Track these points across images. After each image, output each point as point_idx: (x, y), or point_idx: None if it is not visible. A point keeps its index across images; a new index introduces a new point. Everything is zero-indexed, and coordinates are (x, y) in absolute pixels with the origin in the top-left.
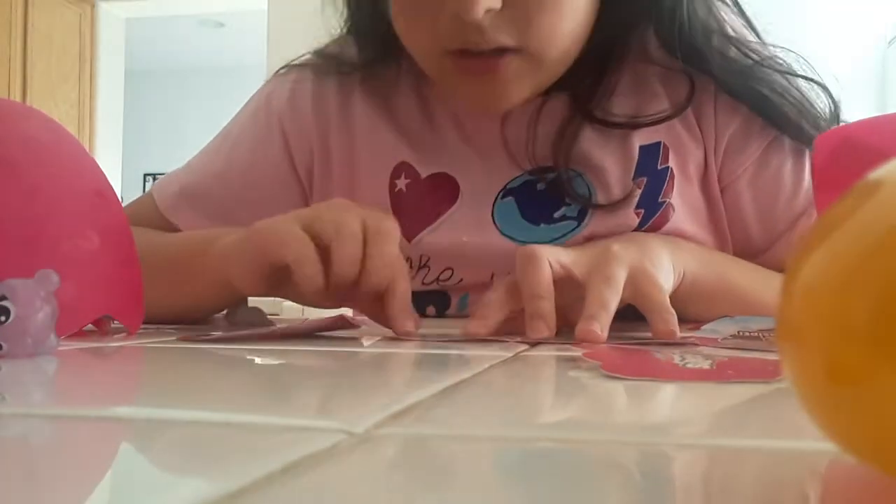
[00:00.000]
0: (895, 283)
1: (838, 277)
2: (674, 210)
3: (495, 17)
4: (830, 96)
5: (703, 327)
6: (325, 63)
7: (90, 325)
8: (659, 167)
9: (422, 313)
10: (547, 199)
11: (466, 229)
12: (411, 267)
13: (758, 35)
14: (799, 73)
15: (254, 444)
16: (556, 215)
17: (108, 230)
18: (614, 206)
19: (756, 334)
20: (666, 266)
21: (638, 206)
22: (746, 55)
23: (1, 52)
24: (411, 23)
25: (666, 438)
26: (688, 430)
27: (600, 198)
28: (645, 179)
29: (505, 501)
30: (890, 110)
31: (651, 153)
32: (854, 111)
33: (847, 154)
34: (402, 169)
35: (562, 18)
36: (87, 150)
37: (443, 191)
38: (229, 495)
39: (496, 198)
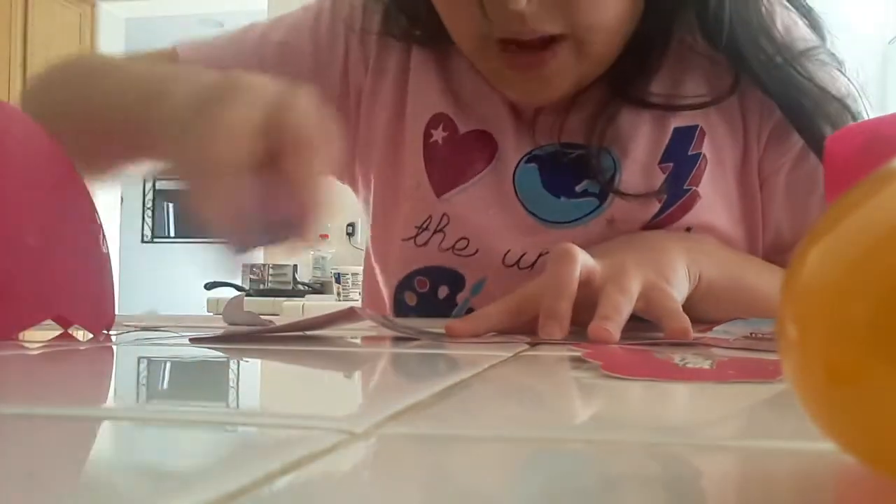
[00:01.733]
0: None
1: (839, 276)
2: (700, 198)
3: (539, 4)
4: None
5: (715, 328)
6: (394, 17)
7: (75, 327)
8: (690, 152)
9: (434, 293)
10: (571, 170)
11: (489, 194)
12: (427, 228)
13: (816, 28)
14: (834, 92)
15: (254, 444)
16: (577, 189)
17: (66, 226)
18: (637, 197)
19: (770, 336)
20: (681, 277)
21: (660, 191)
22: (791, 63)
23: (1, 52)
24: (453, 12)
25: (666, 438)
26: (688, 430)
27: (625, 177)
28: (671, 165)
29: (505, 502)
30: (890, 110)
31: (685, 136)
32: None
33: (875, 148)
34: (440, 120)
35: (607, 4)
36: (53, 141)
37: (479, 150)
38: (229, 495)
39: (520, 161)
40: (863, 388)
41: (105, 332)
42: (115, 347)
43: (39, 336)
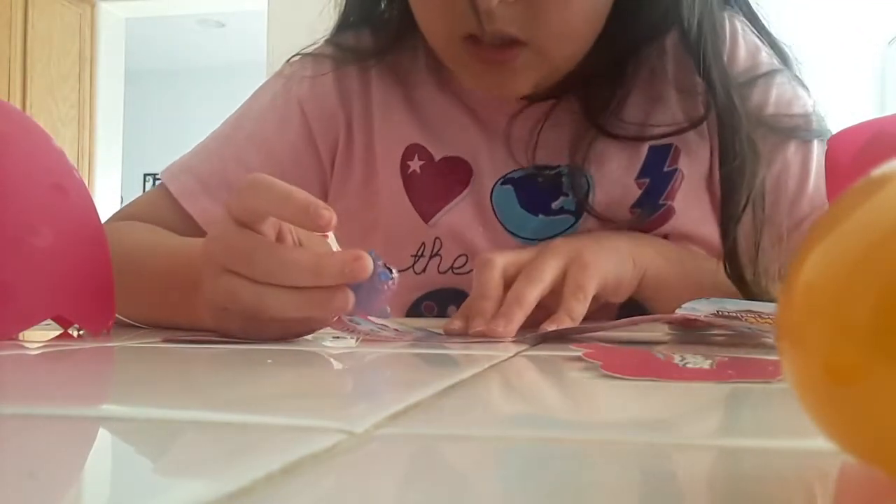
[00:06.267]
0: (895, 282)
1: (838, 276)
2: (675, 213)
3: (508, 7)
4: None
5: (683, 305)
6: (343, 54)
7: (75, 327)
8: (666, 168)
9: (442, 313)
10: (546, 188)
11: (471, 214)
12: (423, 255)
13: (785, 60)
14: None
15: (254, 444)
16: (554, 206)
17: (66, 226)
18: (609, 209)
19: (734, 314)
20: (619, 257)
21: (636, 206)
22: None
23: (1, 52)
24: (426, 7)
25: (666, 438)
26: (688, 430)
27: (599, 194)
28: (648, 181)
29: (505, 501)
30: (890, 110)
31: (660, 154)
32: (854, 111)
33: (876, 148)
34: (414, 150)
35: (573, 16)
36: (53, 141)
37: (456, 174)
38: (229, 495)
39: (495, 183)
40: (863, 388)
41: (105, 331)
42: (114, 347)
43: (39, 336)
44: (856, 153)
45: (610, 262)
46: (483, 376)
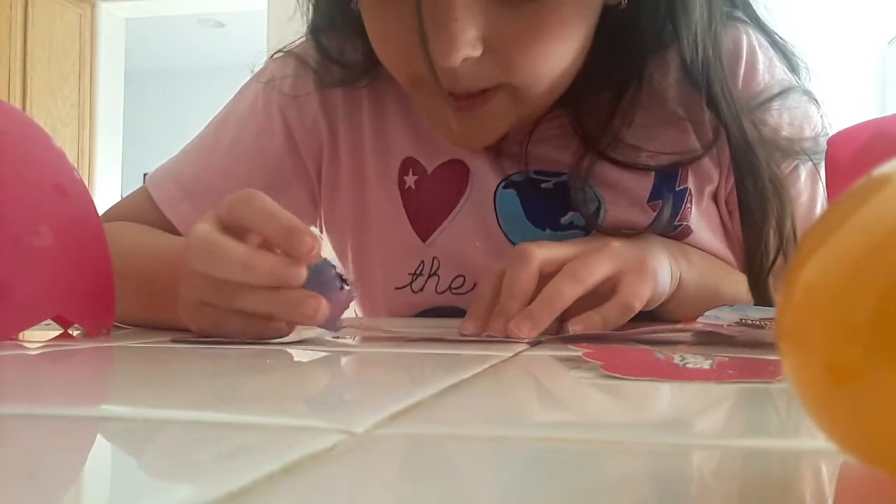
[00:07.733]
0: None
1: (839, 277)
2: (692, 232)
3: (472, 64)
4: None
5: (706, 313)
6: (327, 67)
7: (75, 327)
8: (677, 188)
9: None
10: (553, 201)
11: (473, 224)
12: (421, 274)
13: (795, 69)
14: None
15: (254, 444)
16: (563, 221)
17: (66, 226)
18: (624, 234)
19: (759, 322)
20: (666, 272)
21: (649, 227)
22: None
23: (1, 52)
24: (387, 52)
25: (667, 438)
26: (689, 430)
27: (610, 217)
28: (660, 203)
29: (505, 501)
30: (890, 110)
31: (669, 174)
32: (854, 111)
33: (877, 148)
34: (408, 165)
35: (545, 63)
36: (53, 141)
37: (452, 181)
38: (229, 495)
39: (498, 186)
40: (863, 388)
41: (105, 331)
42: (114, 347)
43: (39, 336)
44: (856, 153)
45: (662, 276)
46: (483, 376)
